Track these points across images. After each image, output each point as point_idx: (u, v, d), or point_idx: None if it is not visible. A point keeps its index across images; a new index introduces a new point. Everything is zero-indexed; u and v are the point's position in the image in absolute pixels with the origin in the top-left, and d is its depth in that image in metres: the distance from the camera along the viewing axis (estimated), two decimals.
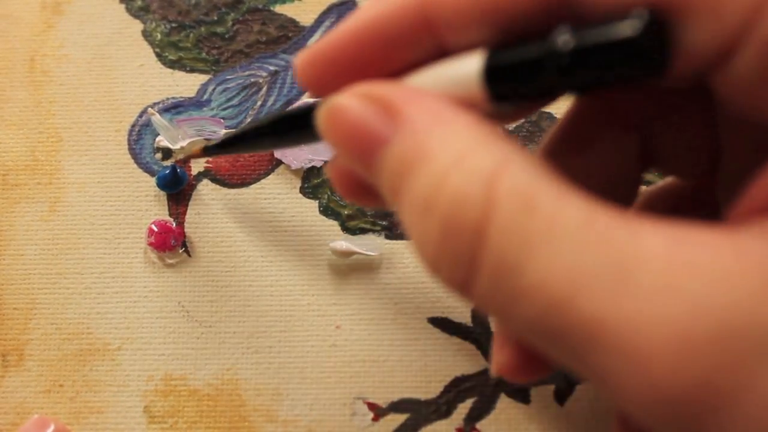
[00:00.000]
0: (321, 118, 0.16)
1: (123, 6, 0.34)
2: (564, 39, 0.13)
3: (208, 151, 0.27)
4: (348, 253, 0.29)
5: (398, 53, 0.16)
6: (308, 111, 0.18)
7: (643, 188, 0.21)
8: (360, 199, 0.19)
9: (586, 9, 0.14)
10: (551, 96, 0.15)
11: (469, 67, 0.15)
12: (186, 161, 0.31)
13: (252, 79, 0.32)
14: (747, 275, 0.11)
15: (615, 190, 0.19)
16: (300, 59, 0.18)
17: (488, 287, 0.13)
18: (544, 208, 0.13)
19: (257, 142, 0.23)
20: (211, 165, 0.31)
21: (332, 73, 0.17)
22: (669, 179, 0.21)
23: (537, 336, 0.13)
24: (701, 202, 0.20)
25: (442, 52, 0.16)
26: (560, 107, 0.20)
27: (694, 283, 0.12)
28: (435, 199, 0.14)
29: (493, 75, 0.14)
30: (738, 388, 0.11)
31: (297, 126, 0.20)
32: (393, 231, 0.30)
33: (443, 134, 0.14)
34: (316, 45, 0.17)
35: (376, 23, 0.16)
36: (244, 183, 0.31)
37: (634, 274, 0.12)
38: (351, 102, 0.16)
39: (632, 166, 0.19)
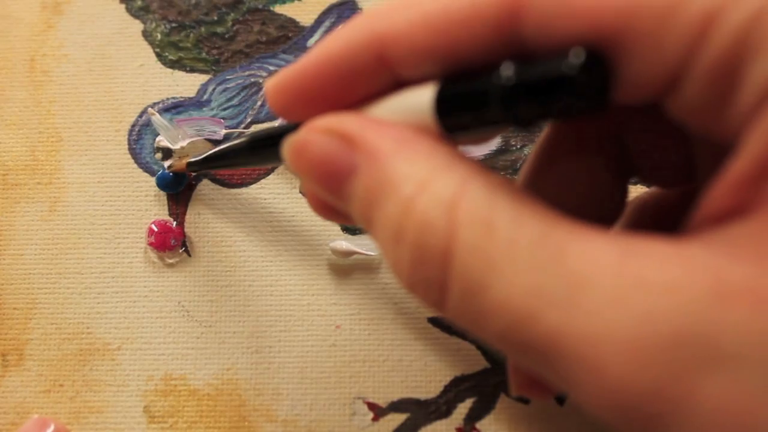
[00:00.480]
0: (286, 154, 0.17)
1: (123, 6, 0.34)
2: (507, 75, 0.14)
3: (192, 166, 0.28)
4: (348, 253, 0.29)
5: (357, 85, 0.17)
6: (282, 135, 0.19)
7: (632, 197, 0.21)
8: (335, 219, 0.20)
9: (531, 46, 0.14)
10: (498, 127, 0.16)
11: (421, 98, 0.16)
12: (175, 172, 0.31)
13: (252, 79, 0.32)
14: (693, 285, 0.12)
15: (600, 204, 0.19)
16: (269, 86, 0.18)
17: (458, 306, 0.14)
18: (502, 228, 0.13)
19: (236, 160, 0.25)
20: None
21: (299, 101, 0.18)
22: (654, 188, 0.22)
23: (507, 348, 0.14)
24: (687, 207, 0.20)
25: (399, 83, 0.17)
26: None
27: (643, 295, 0.12)
28: (403, 228, 0.14)
29: (442, 107, 0.15)
30: (682, 395, 0.12)
31: (272, 148, 0.20)
32: None
33: (404, 162, 0.15)
34: (284, 72, 0.18)
35: (334, 58, 0.17)
36: (244, 183, 0.31)
37: (585, 290, 0.12)
38: (313, 137, 0.17)
39: (613, 181, 0.20)
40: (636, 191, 0.23)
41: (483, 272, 0.13)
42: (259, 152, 0.22)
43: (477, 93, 0.15)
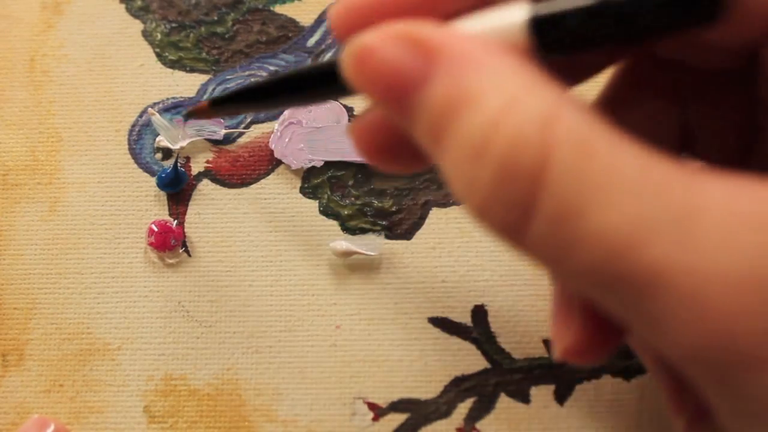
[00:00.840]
0: (347, 60, 0.15)
1: (123, 6, 0.34)
2: None
3: (216, 104, 0.23)
4: (348, 253, 0.29)
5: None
6: (333, 63, 0.17)
7: None
8: (385, 161, 0.18)
9: None
10: (601, 47, 0.15)
11: (515, 13, 0.14)
12: (191, 117, 0.26)
13: (252, 79, 0.32)
14: None
15: None
16: (335, 8, 0.17)
17: (544, 233, 0.13)
18: (602, 153, 0.12)
19: (275, 98, 0.20)
20: (211, 165, 0.31)
21: (369, 22, 0.16)
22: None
23: (591, 283, 0.13)
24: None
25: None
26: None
27: (758, 234, 0.12)
28: (488, 141, 0.13)
29: (542, 22, 0.14)
30: None
31: (321, 78, 0.18)
32: (393, 231, 0.30)
33: (491, 75, 0.13)
34: None
35: None
36: (244, 183, 0.31)
37: (696, 224, 0.12)
38: (381, 42, 0.15)
39: (670, 144, 0.19)
40: None
41: (579, 196, 0.12)
42: (304, 86, 0.19)
43: (581, 8, 0.13)
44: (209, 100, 0.23)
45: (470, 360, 0.29)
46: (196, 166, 0.31)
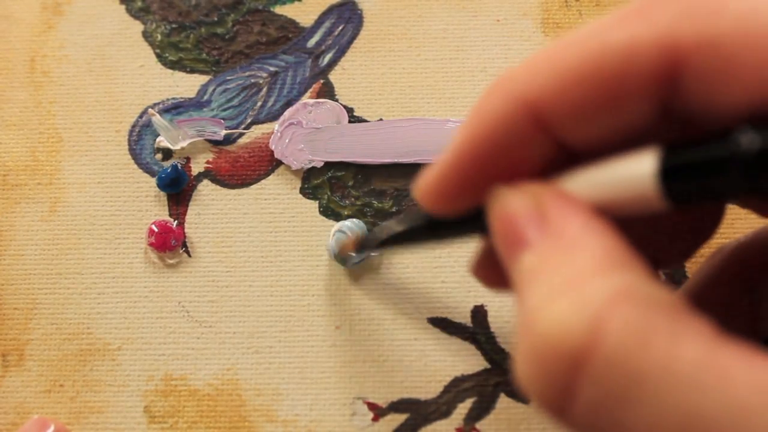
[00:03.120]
0: (493, 202, 0.16)
1: (123, 7, 0.34)
2: (748, 138, 0.13)
3: (364, 248, 0.27)
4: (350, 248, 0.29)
5: (519, 159, 0.16)
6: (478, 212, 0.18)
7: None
8: (499, 287, 0.19)
9: (690, 106, 0.14)
10: (725, 198, 0.15)
11: (640, 167, 0.15)
12: (343, 252, 0.29)
13: (252, 80, 0.33)
14: None
15: (701, 219, 0.19)
16: (419, 188, 0.17)
17: (588, 414, 0.13)
18: (660, 343, 0.12)
19: (415, 240, 0.22)
20: (211, 165, 0.31)
21: (458, 193, 0.17)
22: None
23: None
24: None
25: (558, 148, 0.16)
26: None
27: None
28: (534, 321, 0.14)
29: (669, 175, 0.14)
30: None
31: (469, 221, 0.19)
32: None
33: (571, 253, 0.14)
34: (436, 166, 0.17)
35: (486, 135, 0.16)
36: (244, 183, 0.31)
37: (752, 422, 0.12)
38: (511, 192, 0.16)
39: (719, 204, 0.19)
40: None
41: (628, 385, 0.12)
42: (443, 230, 0.20)
43: (712, 160, 0.14)
44: (355, 244, 0.27)
45: (470, 360, 0.29)
46: (197, 167, 0.31)
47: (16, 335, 0.29)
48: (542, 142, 0.15)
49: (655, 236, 0.18)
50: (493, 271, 0.18)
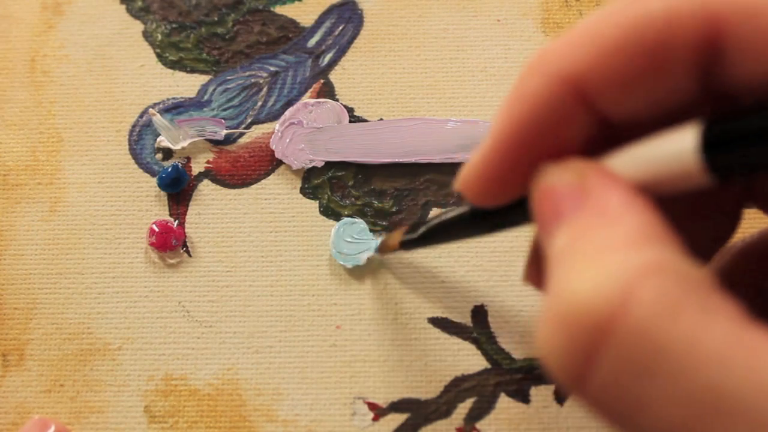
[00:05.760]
0: (535, 184, 0.16)
1: (123, 7, 0.34)
2: None
3: (406, 245, 0.26)
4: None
5: (559, 134, 0.16)
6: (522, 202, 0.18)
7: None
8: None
9: (735, 86, 0.14)
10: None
11: (682, 140, 0.14)
12: (384, 250, 0.28)
13: (252, 80, 0.33)
14: None
15: (715, 219, 0.19)
16: (462, 180, 0.17)
17: (607, 386, 0.13)
18: (689, 318, 0.12)
19: (457, 232, 0.22)
20: (212, 165, 0.31)
21: (504, 180, 0.16)
22: None
23: None
24: None
25: (600, 126, 0.16)
26: None
27: None
28: (565, 283, 0.14)
29: (712, 147, 0.14)
30: None
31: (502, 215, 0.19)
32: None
33: (609, 226, 0.14)
34: (472, 160, 0.16)
35: (528, 112, 0.15)
36: (244, 183, 0.31)
37: None
38: (553, 168, 0.16)
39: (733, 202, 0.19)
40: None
41: (654, 356, 0.12)
42: (485, 220, 0.19)
43: (755, 130, 0.14)
44: (399, 243, 0.26)
45: (470, 360, 0.29)
46: (197, 167, 0.31)
47: (17, 335, 0.29)
48: (585, 120, 0.15)
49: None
50: (543, 271, 0.18)
